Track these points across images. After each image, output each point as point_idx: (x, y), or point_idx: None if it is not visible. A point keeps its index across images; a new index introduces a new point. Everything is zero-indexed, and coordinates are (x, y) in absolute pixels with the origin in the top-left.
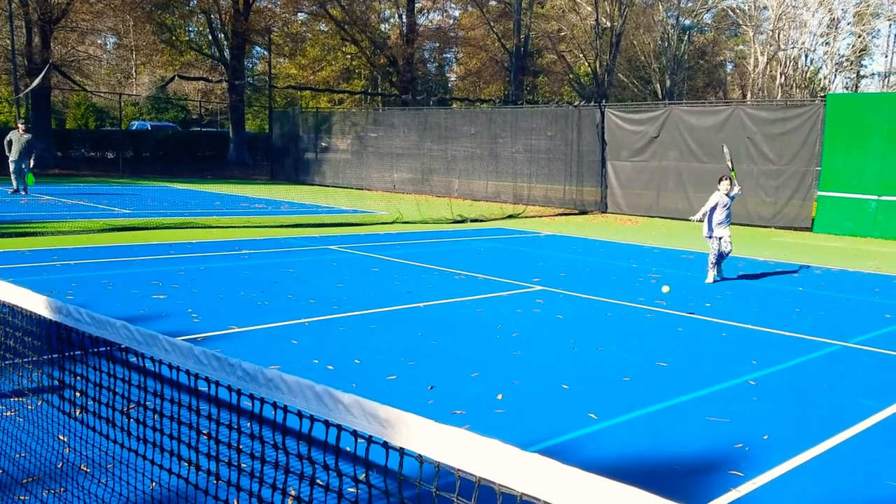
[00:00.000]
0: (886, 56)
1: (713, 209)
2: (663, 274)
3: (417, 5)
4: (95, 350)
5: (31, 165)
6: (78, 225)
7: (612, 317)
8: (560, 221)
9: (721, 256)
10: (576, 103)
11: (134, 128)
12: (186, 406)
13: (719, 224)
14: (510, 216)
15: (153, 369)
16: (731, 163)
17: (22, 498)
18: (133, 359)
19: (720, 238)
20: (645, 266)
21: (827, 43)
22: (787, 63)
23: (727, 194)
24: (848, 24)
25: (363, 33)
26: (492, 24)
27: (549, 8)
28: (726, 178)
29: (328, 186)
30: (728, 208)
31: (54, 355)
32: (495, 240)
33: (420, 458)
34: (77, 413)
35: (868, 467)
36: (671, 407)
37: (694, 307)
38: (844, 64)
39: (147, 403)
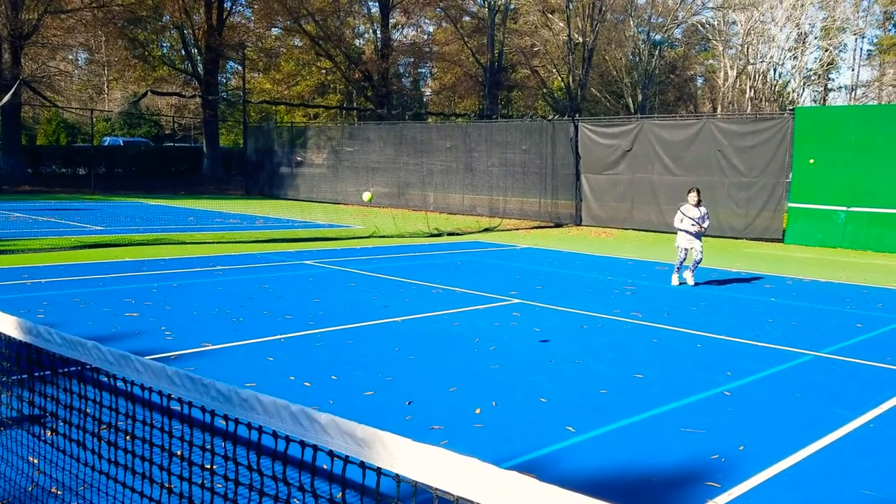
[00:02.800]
0: (853, 70)
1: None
2: (637, 286)
3: (392, 21)
4: (66, 371)
5: None
6: (49, 242)
7: (588, 329)
8: (536, 234)
9: (695, 264)
10: (550, 117)
11: (106, 143)
12: (159, 427)
13: (687, 237)
14: (486, 229)
15: (125, 390)
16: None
17: None
18: (105, 379)
19: (687, 249)
20: (620, 278)
21: (795, 57)
22: (757, 77)
23: (694, 208)
24: (815, 38)
25: (338, 48)
26: (466, 39)
27: (522, 24)
28: (694, 191)
29: (303, 201)
30: (696, 225)
31: (24, 376)
32: (472, 253)
33: (397, 478)
34: (48, 435)
35: (843, 476)
36: (648, 419)
37: (668, 318)
38: (812, 77)
39: (119, 425)
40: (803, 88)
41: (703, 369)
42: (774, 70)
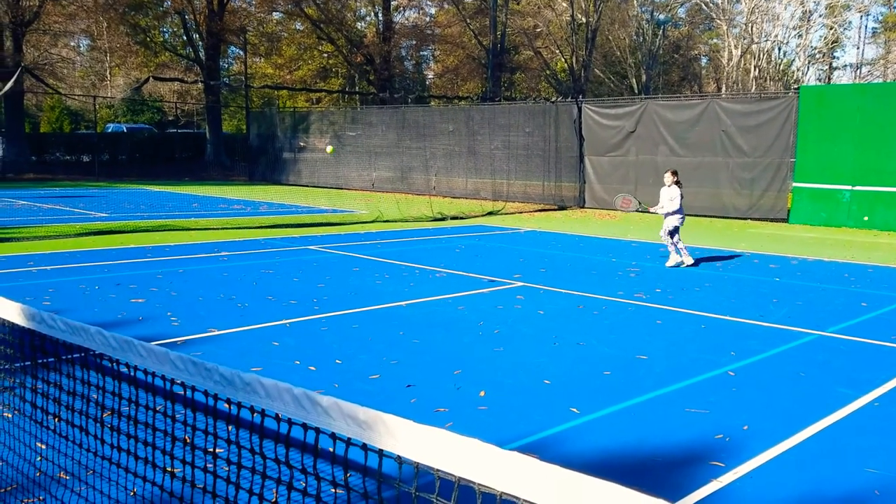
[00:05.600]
0: (858, 48)
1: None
2: (642, 267)
3: (393, 3)
4: (70, 357)
5: None
6: (54, 229)
7: (592, 311)
8: (539, 217)
9: (674, 246)
10: (553, 99)
11: (109, 130)
12: (162, 412)
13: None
14: (490, 213)
15: (129, 375)
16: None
17: None
18: (108, 365)
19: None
20: (624, 260)
21: (799, 35)
22: (761, 56)
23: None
24: (820, 16)
25: (339, 32)
26: (468, 21)
27: (525, 4)
28: (668, 171)
29: (306, 186)
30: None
31: (27, 363)
32: (476, 237)
33: (399, 459)
34: (55, 420)
35: (847, 455)
36: (652, 399)
37: (672, 299)
38: (817, 56)
39: (122, 410)
40: (808, 67)
41: (707, 350)
42: (779, 49)
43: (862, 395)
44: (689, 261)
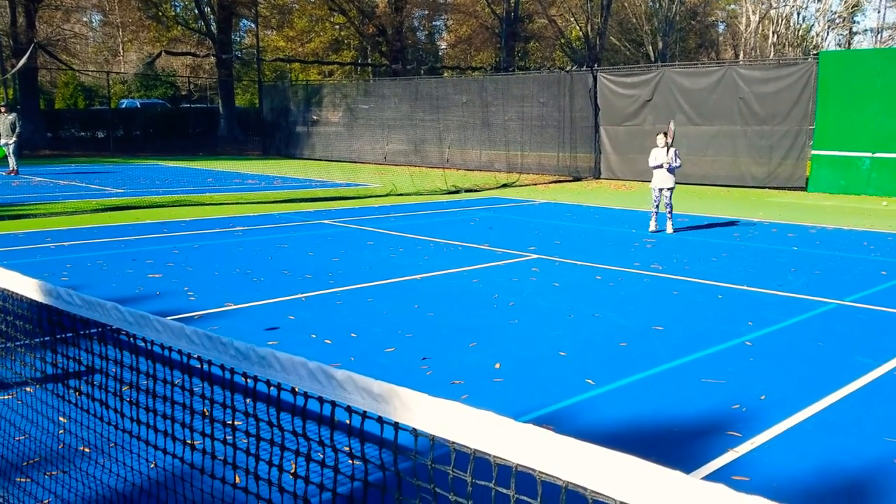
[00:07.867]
0: (879, 11)
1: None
2: (658, 238)
3: None
4: (88, 332)
5: (9, 143)
6: (71, 206)
7: (607, 283)
8: (554, 189)
9: (669, 210)
10: (568, 68)
11: (123, 106)
12: (180, 386)
13: (661, 177)
14: (504, 185)
15: (146, 349)
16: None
17: (21, 480)
18: (126, 339)
19: (661, 189)
20: (640, 231)
21: (819, 0)
22: (779, 21)
23: (661, 151)
24: None
25: (351, 2)
26: None
27: None
28: (661, 133)
29: (320, 160)
30: (667, 168)
31: (46, 338)
32: (490, 209)
33: (414, 432)
34: (75, 394)
35: (865, 424)
36: (668, 370)
37: (689, 270)
38: (837, 21)
39: (141, 384)
40: (827, 32)
41: (723, 320)
42: (798, 14)
43: (881, 364)
44: (652, 228)
